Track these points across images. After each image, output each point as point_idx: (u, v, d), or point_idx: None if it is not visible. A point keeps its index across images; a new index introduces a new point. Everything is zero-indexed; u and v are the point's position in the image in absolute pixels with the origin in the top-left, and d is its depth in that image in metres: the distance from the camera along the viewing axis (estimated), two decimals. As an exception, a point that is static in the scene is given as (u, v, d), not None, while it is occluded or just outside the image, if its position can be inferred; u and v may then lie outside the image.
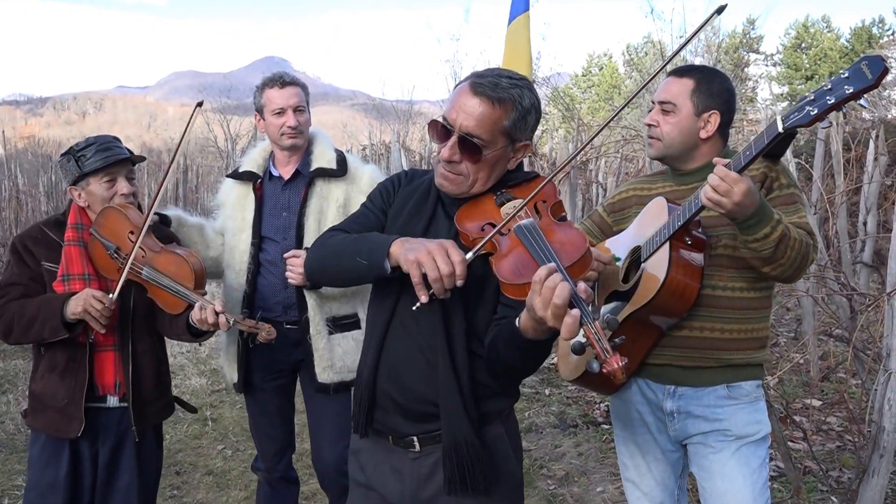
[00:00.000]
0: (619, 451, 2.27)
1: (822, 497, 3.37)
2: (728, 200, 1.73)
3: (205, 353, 6.55)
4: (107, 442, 2.29)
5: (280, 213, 2.68)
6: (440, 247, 1.42)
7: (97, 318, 2.13)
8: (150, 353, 2.34)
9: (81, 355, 2.24)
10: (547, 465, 4.06)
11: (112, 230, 2.23)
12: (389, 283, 1.62)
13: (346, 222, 1.76)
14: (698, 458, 2.06)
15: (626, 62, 32.88)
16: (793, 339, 5.65)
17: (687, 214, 1.86)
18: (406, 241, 1.48)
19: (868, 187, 5.31)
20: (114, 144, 2.28)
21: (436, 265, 1.40)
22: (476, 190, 1.62)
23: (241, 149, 16.27)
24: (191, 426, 4.73)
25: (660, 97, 2.08)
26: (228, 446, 4.47)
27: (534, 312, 1.29)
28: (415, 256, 1.42)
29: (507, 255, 1.46)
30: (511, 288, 1.40)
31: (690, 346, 2.01)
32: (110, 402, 2.29)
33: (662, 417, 2.10)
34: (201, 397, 5.38)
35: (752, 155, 1.72)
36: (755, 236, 1.81)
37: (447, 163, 1.59)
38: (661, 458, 2.14)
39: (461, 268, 1.41)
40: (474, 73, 1.60)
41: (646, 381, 2.10)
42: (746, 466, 1.99)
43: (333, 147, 2.74)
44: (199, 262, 2.25)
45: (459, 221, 1.60)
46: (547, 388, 5.35)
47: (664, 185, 2.15)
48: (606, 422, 4.62)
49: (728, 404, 2.02)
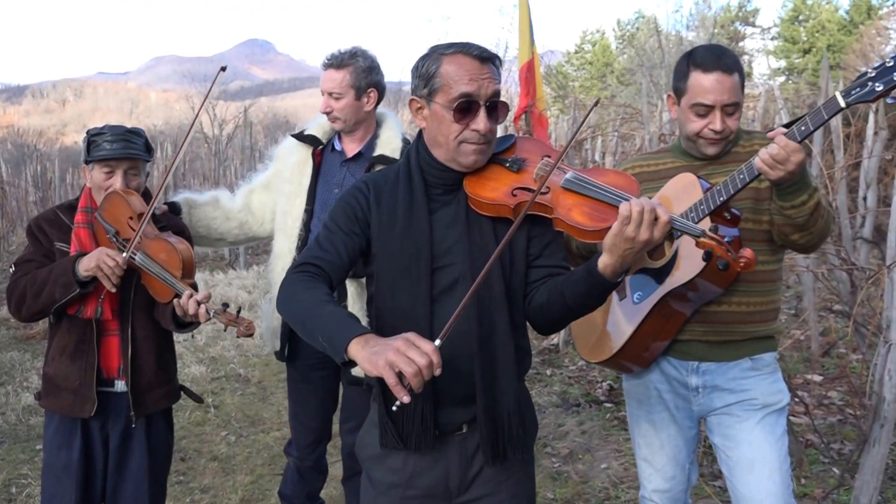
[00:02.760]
0: (633, 431, 2.32)
1: (824, 468, 3.47)
2: (783, 169, 1.80)
3: (202, 342, 6.61)
4: (116, 426, 2.36)
5: (332, 188, 2.65)
6: (406, 342, 1.36)
7: (109, 276, 2.19)
8: (151, 340, 2.39)
9: (89, 336, 2.31)
10: (551, 443, 4.15)
11: (114, 215, 2.30)
12: (410, 272, 1.66)
13: (311, 249, 1.67)
14: (722, 428, 2.12)
15: (617, 37, 32.74)
16: (793, 315, 5.74)
17: (739, 185, 1.89)
18: (367, 342, 1.39)
19: (868, 162, 5.38)
20: (125, 138, 2.32)
21: (411, 361, 1.34)
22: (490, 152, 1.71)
23: (226, 135, 16.22)
24: (193, 413, 4.80)
25: (727, 98, 2.00)
26: (232, 432, 4.55)
27: (629, 245, 1.48)
28: (385, 360, 1.34)
29: (573, 207, 1.59)
30: (592, 234, 1.55)
31: (718, 321, 2.07)
32: (118, 386, 2.35)
33: (685, 394, 2.15)
34: (202, 385, 5.44)
35: (810, 130, 1.78)
36: (793, 202, 1.89)
37: (484, 135, 1.64)
38: (676, 435, 2.20)
39: (436, 356, 1.36)
40: (453, 44, 1.65)
41: (666, 358, 2.15)
42: (772, 434, 2.06)
43: (402, 135, 2.67)
44: (189, 251, 2.30)
45: (479, 193, 1.66)
46: (548, 368, 5.44)
47: (674, 161, 2.18)
48: (609, 400, 4.71)
49: (752, 375, 2.09)
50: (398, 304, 1.66)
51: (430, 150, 1.72)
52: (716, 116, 2.01)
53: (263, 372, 5.74)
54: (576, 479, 3.69)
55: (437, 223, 1.68)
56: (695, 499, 3.21)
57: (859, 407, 3.32)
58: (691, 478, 2.27)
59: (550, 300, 1.64)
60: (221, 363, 6.03)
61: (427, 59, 1.67)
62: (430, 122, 1.68)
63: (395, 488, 1.72)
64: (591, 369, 5.27)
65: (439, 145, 1.68)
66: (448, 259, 1.67)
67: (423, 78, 1.66)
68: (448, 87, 1.62)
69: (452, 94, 1.61)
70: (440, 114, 1.64)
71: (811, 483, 3.35)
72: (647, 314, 2.04)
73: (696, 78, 2.01)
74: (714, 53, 2.03)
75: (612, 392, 4.82)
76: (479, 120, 1.62)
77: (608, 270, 1.52)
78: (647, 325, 2.06)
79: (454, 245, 1.67)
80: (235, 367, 5.90)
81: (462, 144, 1.65)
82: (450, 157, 1.68)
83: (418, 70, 1.68)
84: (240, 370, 5.81)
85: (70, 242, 2.34)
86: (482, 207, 1.67)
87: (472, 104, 1.62)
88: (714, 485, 3.37)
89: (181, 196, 2.75)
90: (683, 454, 2.22)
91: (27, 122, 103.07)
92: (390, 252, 1.67)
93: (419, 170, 1.72)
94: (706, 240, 1.51)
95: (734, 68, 2.01)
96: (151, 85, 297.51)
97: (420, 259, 1.65)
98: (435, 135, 1.68)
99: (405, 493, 1.72)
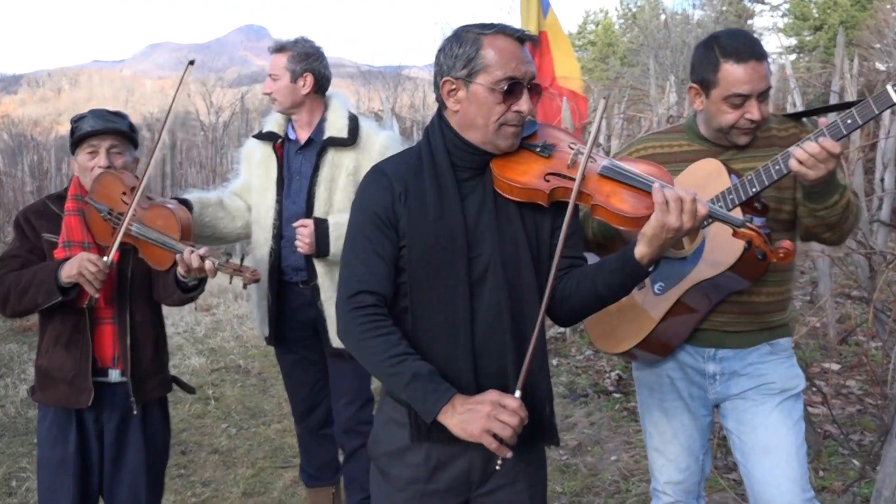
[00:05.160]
0: (644, 421, 2.29)
1: (844, 460, 3.42)
2: (824, 168, 1.75)
3: (202, 333, 6.60)
4: (112, 418, 2.35)
5: (293, 177, 2.80)
6: (493, 405, 1.49)
7: (91, 282, 2.18)
8: (148, 325, 2.40)
9: (83, 325, 2.31)
10: (558, 435, 4.11)
11: (105, 194, 2.30)
12: (441, 268, 1.64)
13: (355, 271, 1.65)
14: (737, 412, 2.10)
15: (620, 17, 32.48)
16: (808, 302, 5.68)
17: (775, 176, 1.85)
18: (455, 409, 1.51)
19: (885, 142, 5.31)
20: (106, 117, 2.35)
21: (505, 425, 1.48)
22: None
23: (222, 122, 16.19)
24: (193, 405, 4.78)
25: (763, 86, 1.96)
26: (232, 425, 4.53)
27: (671, 234, 1.52)
28: (479, 428, 1.48)
29: (611, 195, 1.61)
30: (633, 221, 1.58)
31: (739, 311, 2.06)
32: (112, 376, 2.34)
33: (701, 381, 2.13)
34: (202, 376, 5.43)
35: (857, 125, 1.73)
36: (825, 204, 1.85)
37: (525, 116, 1.66)
38: (690, 424, 2.18)
39: (524, 411, 1.50)
40: (488, 25, 1.65)
41: (682, 346, 2.13)
42: (789, 418, 2.05)
43: (347, 113, 2.79)
44: (187, 215, 2.33)
45: (511, 177, 1.65)
46: (554, 358, 5.40)
47: (690, 144, 2.13)
48: (618, 391, 4.67)
49: (770, 360, 2.09)
50: (436, 295, 1.64)
51: (459, 133, 1.69)
52: (753, 105, 1.95)
53: (263, 363, 5.72)
54: (585, 472, 3.66)
55: (466, 210, 1.66)
56: (709, 491, 3.16)
57: (880, 396, 3.27)
58: (705, 468, 2.24)
59: (579, 290, 1.66)
60: (221, 354, 6.01)
61: (463, 40, 1.65)
62: (466, 104, 1.66)
63: (415, 483, 1.70)
64: (598, 359, 5.22)
65: (476, 127, 1.66)
66: (479, 248, 1.65)
67: (461, 59, 1.64)
68: (492, 68, 1.61)
69: (498, 75, 1.61)
70: (482, 95, 1.63)
71: (830, 475, 3.30)
72: (673, 305, 2.02)
73: (729, 69, 1.94)
74: (743, 41, 1.97)
75: (622, 382, 4.78)
76: (523, 102, 1.64)
77: (645, 260, 1.56)
78: (670, 317, 2.04)
79: (483, 233, 1.66)
80: (235, 358, 5.88)
81: (503, 127, 1.65)
82: (487, 140, 1.66)
83: (452, 51, 1.65)
84: (240, 361, 5.79)
85: (59, 233, 2.33)
86: (514, 192, 1.65)
87: (517, 86, 1.63)
88: (728, 477, 3.33)
89: (193, 195, 2.82)
90: (697, 444, 2.19)
91: (23, 111, 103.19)
92: (424, 242, 1.64)
93: (446, 153, 1.69)
94: (746, 230, 1.54)
95: (764, 54, 1.97)
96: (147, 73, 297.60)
97: (456, 247, 1.64)
98: (473, 117, 1.65)
99: (426, 488, 1.70)
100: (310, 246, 2.59)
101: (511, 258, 1.65)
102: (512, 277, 1.65)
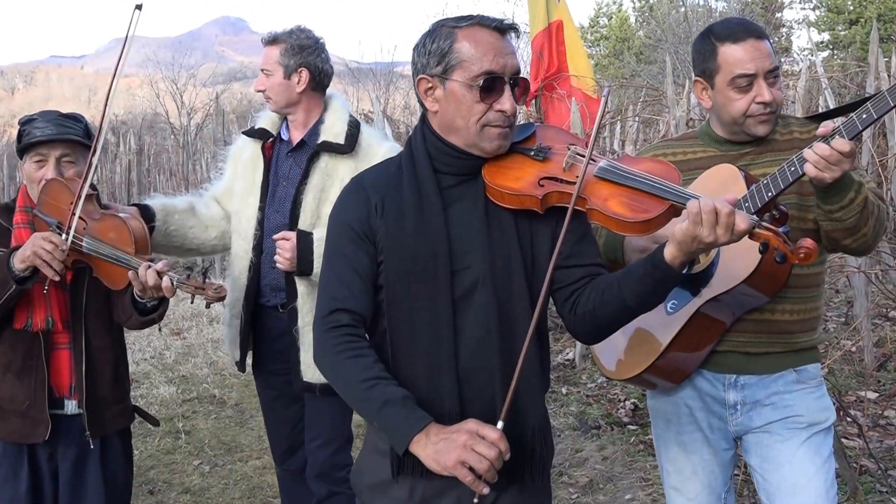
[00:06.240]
0: (660, 456, 2.31)
1: (882, 499, 3.45)
2: (838, 169, 1.80)
3: (172, 359, 6.61)
4: (68, 455, 2.36)
5: (280, 182, 2.75)
6: (471, 434, 1.49)
7: (49, 262, 2.17)
8: (107, 352, 2.40)
9: (37, 351, 2.31)
10: (567, 471, 4.14)
11: (53, 205, 2.30)
12: (428, 279, 1.66)
13: (332, 288, 1.69)
14: (761, 448, 2.12)
15: (636, 10, 32.65)
16: (843, 323, 5.72)
17: (791, 178, 1.88)
18: (429, 437, 1.51)
19: (925, 148, 5.36)
20: (58, 122, 2.33)
21: (482, 457, 1.47)
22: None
23: (195, 125, 16.20)
24: (162, 440, 4.79)
25: (769, 64, 2.01)
26: (205, 461, 4.54)
27: (692, 241, 1.52)
28: (453, 459, 1.48)
29: (609, 198, 1.63)
30: (633, 226, 1.61)
31: (759, 330, 2.07)
32: (68, 407, 2.35)
33: (721, 411, 2.15)
34: (171, 408, 5.44)
35: (873, 119, 1.77)
36: (840, 204, 1.88)
37: (509, 116, 1.66)
38: (711, 459, 2.19)
39: (504, 443, 1.50)
40: (464, 17, 1.68)
41: (699, 371, 2.14)
42: (818, 455, 2.06)
43: (348, 117, 2.76)
44: (141, 225, 2.31)
45: (502, 183, 1.67)
46: (563, 385, 5.43)
47: (705, 150, 2.18)
48: (633, 422, 4.70)
49: (797, 389, 2.10)
50: (416, 313, 1.66)
51: (441, 136, 1.71)
52: (761, 86, 2.01)
53: (241, 392, 5.73)
54: (597, 512, 3.68)
55: (452, 220, 1.68)
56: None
57: (920, 427, 3.31)
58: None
59: (605, 303, 1.65)
60: (193, 383, 6.02)
61: (436, 34, 1.67)
62: (444, 103, 1.68)
63: None
64: (611, 387, 5.25)
65: (457, 129, 1.68)
66: (466, 261, 1.67)
67: (434, 55, 1.66)
68: (468, 63, 1.63)
69: (474, 70, 1.63)
70: (459, 94, 1.65)
71: (866, 514, 3.33)
72: (684, 325, 2.04)
73: (727, 50, 2.03)
74: (738, 23, 2.07)
75: (637, 412, 4.81)
76: (505, 99, 1.64)
77: (677, 262, 1.57)
78: (683, 337, 2.06)
79: (472, 244, 1.67)
80: (209, 387, 5.89)
81: (485, 128, 1.66)
82: (470, 143, 1.68)
83: (426, 47, 1.68)
84: (214, 391, 5.80)
85: (9, 246, 2.33)
86: (504, 199, 1.68)
87: (497, 81, 1.63)
88: (755, 516, 3.36)
89: (157, 201, 2.77)
90: (719, 480, 2.21)
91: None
92: (402, 256, 1.67)
93: (427, 158, 1.71)
94: (762, 231, 1.55)
95: (763, 33, 2.05)
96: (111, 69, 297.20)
97: (437, 261, 1.65)
98: (452, 118, 1.67)
99: None
100: (290, 262, 2.53)
101: (502, 272, 1.66)
102: (503, 294, 1.65)
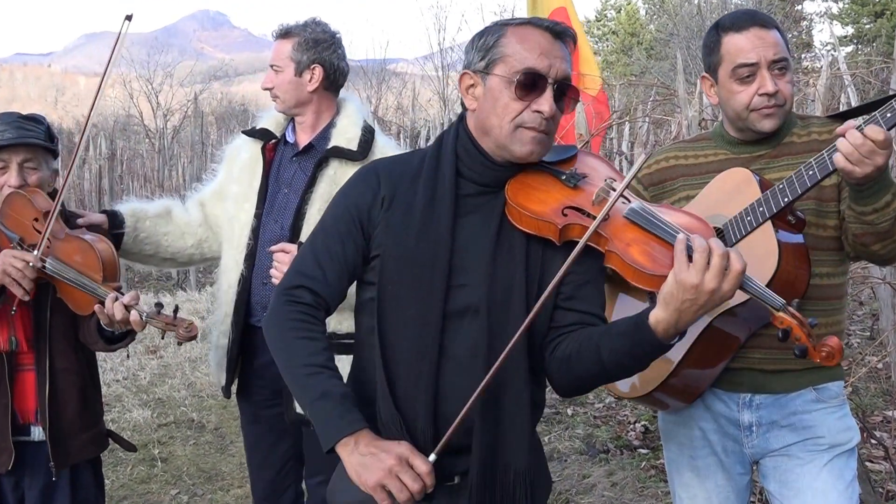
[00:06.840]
0: (672, 481, 2.32)
1: (910, 526, 3.46)
2: (871, 163, 1.79)
3: (147, 380, 6.59)
4: (34, 484, 2.35)
5: (281, 188, 2.69)
6: (400, 461, 1.51)
7: (18, 281, 2.18)
8: (73, 374, 2.39)
9: (1, 374, 2.31)
10: (574, 499, 4.13)
11: (15, 220, 2.31)
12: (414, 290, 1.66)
13: (305, 263, 1.73)
14: (780, 472, 2.12)
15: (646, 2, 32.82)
16: (868, 338, 5.74)
17: (808, 182, 1.88)
18: (357, 445, 1.53)
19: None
20: (19, 125, 2.33)
21: (404, 487, 1.50)
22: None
23: (172, 127, 16.21)
24: (136, 468, 4.77)
25: (773, 54, 2.02)
26: (183, 490, 4.52)
27: (691, 295, 1.43)
28: (374, 480, 1.50)
29: (632, 243, 1.58)
30: (650, 279, 1.53)
31: (776, 345, 2.02)
32: (34, 433, 2.35)
33: (735, 433, 2.16)
34: (146, 433, 5.42)
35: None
36: (875, 206, 1.89)
37: (547, 119, 1.65)
38: (725, 485, 2.20)
39: (430, 478, 1.52)
40: (527, 19, 1.71)
41: (713, 390, 2.15)
42: (840, 479, 2.06)
43: (362, 122, 2.71)
44: (109, 250, 2.31)
45: (523, 203, 1.66)
46: (569, 407, 5.43)
47: (716, 152, 2.19)
48: (643, 445, 4.71)
49: (817, 409, 2.10)
50: (404, 320, 1.67)
51: (475, 137, 1.72)
52: (763, 76, 2.02)
53: (221, 416, 5.72)
54: (606, 543, 3.68)
55: (460, 231, 1.68)
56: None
57: (951, 449, 3.31)
58: None
59: (581, 353, 1.62)
60: (170, 406, 6.00)
61: (487, 31, 1.70)
62: (483, 101, 1.69)
63: None
64: (620, 408, 5.25)
65: (490, 129, 1.68)
66: (464, 278, 1.67)
67: (480, 50, 1.69)
68: (511, 57, 1.64)
69: (515, 66, 1.63)
70: (497, 89, 1.65)
71: (895, 543, 3.33)
72: (697, 338, 2.04)
73: (729, 40, 2.06)
74: (744, 13, 2.10)
75: (648, 435, 4.81)
76: (544, 100, 1.63)
77: (660, 327, 1.49)
78: (694, 354, 2.06)
79: (474, 262, 1.67)
80: (187, 410, 5.87)
81: (519, 129, 1.66)
82: (501, 145, 1.68)
83: (474, 43, 1.71)
84: (192, 414, 5.78)
85: None
86: (523, 221, 1.67)
87: (539, 80, 1.64)
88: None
89: (128, 205, 2.74)
90: None
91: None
92: (400, 256, 1.68)
93: (453, 157, 1.72)
94: (787, 317, 1.48)
95: (771, 24, 2.06)
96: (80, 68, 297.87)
97: (435, 271, 1.66)
98: (487, 115, 1.68)
99: None
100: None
101: (501, 300, 1.65)
102: (497, 321, 1.64)
